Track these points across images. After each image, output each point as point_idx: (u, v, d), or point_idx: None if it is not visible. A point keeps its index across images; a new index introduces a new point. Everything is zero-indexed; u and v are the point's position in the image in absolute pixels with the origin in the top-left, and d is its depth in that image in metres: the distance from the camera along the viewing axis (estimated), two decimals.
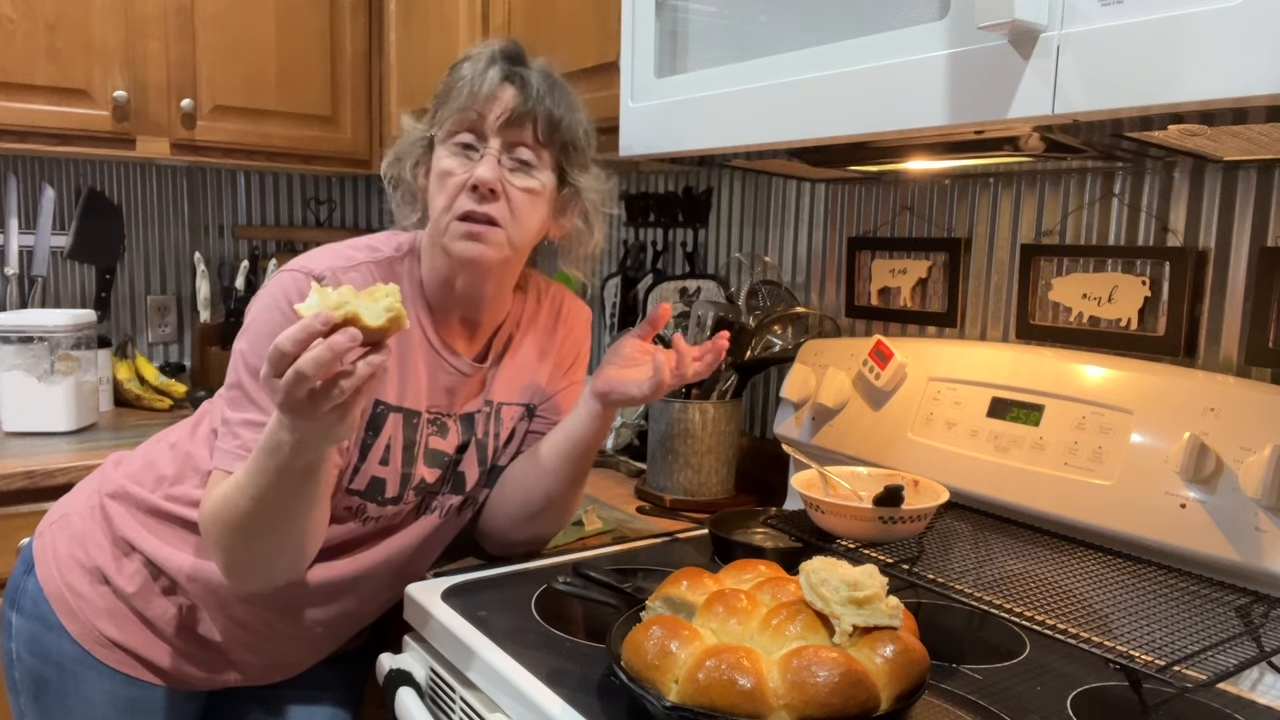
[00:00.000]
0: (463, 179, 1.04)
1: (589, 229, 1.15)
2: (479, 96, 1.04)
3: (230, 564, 1.01)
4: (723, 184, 1.83)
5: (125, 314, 2.43)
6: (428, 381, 1.12)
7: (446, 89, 1.08)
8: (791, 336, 1.60)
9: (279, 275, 1.07)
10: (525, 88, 1.05)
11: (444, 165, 1.06)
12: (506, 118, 1.05)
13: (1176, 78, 0.68)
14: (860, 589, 0.79)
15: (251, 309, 1.06)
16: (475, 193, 1.04)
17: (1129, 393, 1.06)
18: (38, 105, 1.91)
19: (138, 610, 1.13)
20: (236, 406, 1.03)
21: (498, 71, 1.06)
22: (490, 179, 1.03)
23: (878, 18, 0.89)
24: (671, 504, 1.52)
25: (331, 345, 0.79)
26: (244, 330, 1.05)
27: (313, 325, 0.79)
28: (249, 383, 1.02)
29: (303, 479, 0.92)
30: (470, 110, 1.05)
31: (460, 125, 1.06)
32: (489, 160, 1.04)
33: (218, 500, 0.98)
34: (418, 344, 1.11)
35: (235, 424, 1.02)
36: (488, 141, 1.05)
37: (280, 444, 0.88)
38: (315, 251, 1.10)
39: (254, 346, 1.03)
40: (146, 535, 1.13)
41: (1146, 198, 1.19)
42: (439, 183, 1.06)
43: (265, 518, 0.95)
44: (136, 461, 1.20)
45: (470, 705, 0.95)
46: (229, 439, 1.02)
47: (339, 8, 2.27)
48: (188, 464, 1.15)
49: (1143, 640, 0.87)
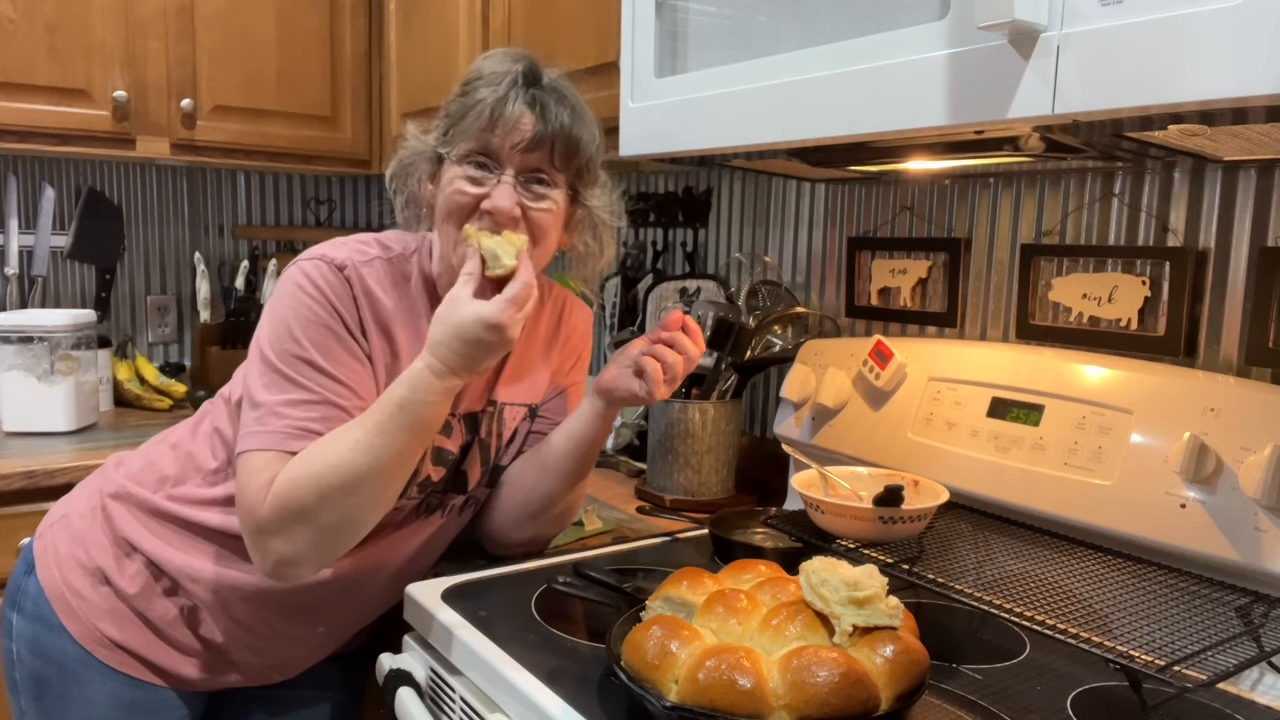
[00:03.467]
0: (473, 201, 1.04)
1: (599, 246, 1.15)
2: (499, 122, 1.03)
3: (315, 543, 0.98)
4: (723, 184, 1.83)
5: (125, 314, 2.43)
6: None
7: (462, 109, 1.05)
8: (791, 336, 1.60)
9: (297, 265, 1.06)
10: (545, 113, 1.04)
11: (456, 185, 1.05)
12: (525, 145, 1.04)
13: (1176, 78, 0.68)
14: (860, 589, 0.79)
15: (273, 302, 1.06)
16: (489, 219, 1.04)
17: (1129, 393, 1.06)
18: (38, 105, 1.91)
19: (139, 611, 1.13)
20: (273, 390, 1.01)
21: (519, 97, 1.04)
22: (507, 209, 1.03)
23: (877, 18, 0.89)
24: (671, 504, 1.52)
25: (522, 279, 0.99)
26: (265, 322, 1.05)
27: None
28: (285, 367, 1.01)
29: (431, 427, 1.01)
30: (488, 135, 1.04)
31: (476, 148, 1.04)
32: (505, 189, 1.03)
33: (317, 473, 0.96)
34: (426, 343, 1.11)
35: (276, 406, 1.00)
36: (504, 167, 1.04)
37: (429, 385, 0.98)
38: (329, 243, 1.09)
39: (287, 331, 1.03)
40: (148, 536, 1.13)
41: (1146, 198, 1.19)
42: (450, 202, 1.05)
43: (384, 475, 0.98)
44: (137, 462, 1.20)
45: (470, 705, 0.95)
46: (274, 419, 1.00)
47: (339, 8, 2.27)
48: (189, 464, 1.15)
49: (1143, 640, 0.87)
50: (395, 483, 1.01)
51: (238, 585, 1.10)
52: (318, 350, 1.02)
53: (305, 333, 1.02)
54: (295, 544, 0.98)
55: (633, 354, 1.11)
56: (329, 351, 1.03)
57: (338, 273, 1.05)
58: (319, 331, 1.03)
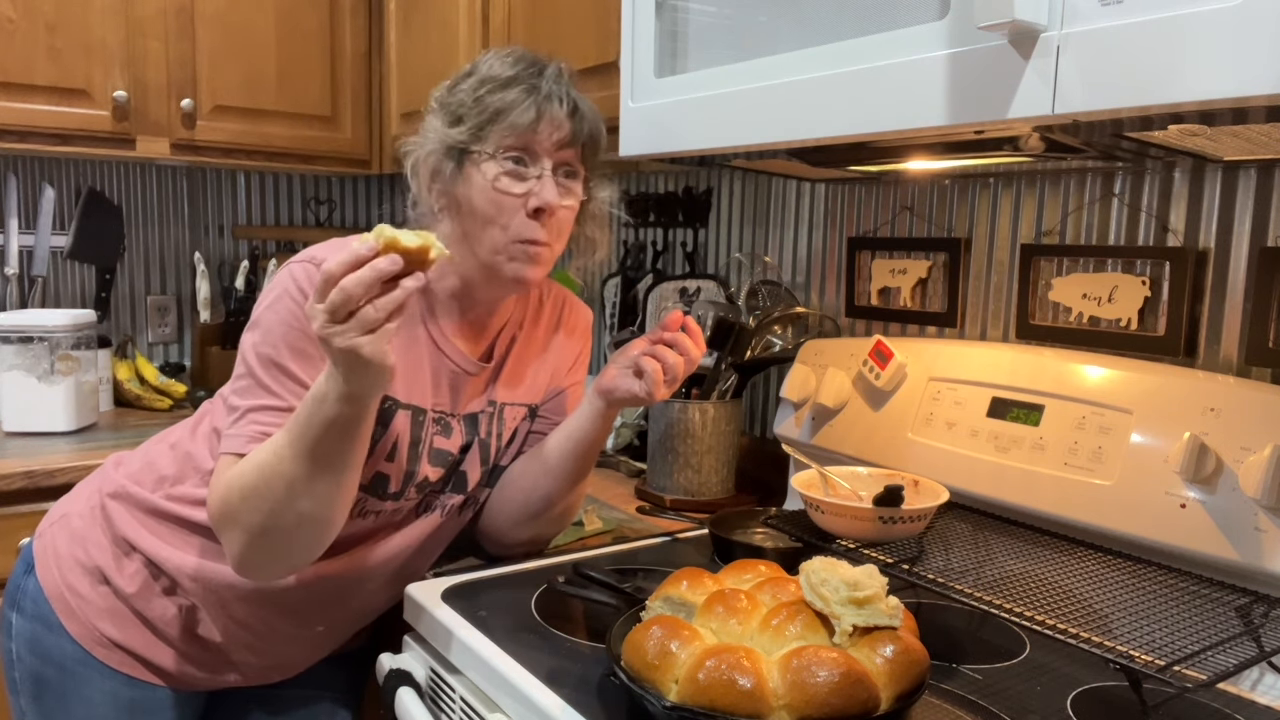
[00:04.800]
0: (520, 200, 1.05)
1: (603, 237, 1.17)
2: (544, 119, 1.04)
3: (248, 545, 0.98)
4: (723, 184, 1.83)
5: (125, 314, 2.43)
6: (432, 380, 1.12)
7: (502, 106, 1.05)
8: (791, 336, 1.60)
9: (287, 268, 1.06)
10: (577, 110, 1.07)
11: (501, 184, 1.05)
12: (564, 141, 1.06)
13: (1176, 78, 0.68)
14: (860, 589, 0.79)
15: (260, 305, 1.06)
16: (538, 216, 1.05)
17: (1129, 393, 1.06)
18: (38, 105, 1.91)
19: (138, 610, 1.13)
20: (247, 395, 1.02)
21: (560, 96, 1.06)
22: (556, 203, 1.05)
23: (877, 18, 0.89)
24: (671, 504, 1.52)
25: (375, 265, 0.84)
26: (252, 325, 1.05)
27: (360, 251, 0.84)
28: (261, 372, 1.02)
29: (345, 433, 0.93)
30: (532, 132, 1.05)
31: (513, 145, 1.05)
32: (550, 183, 1.05)
33: (243, 472, 0.96)
34: (423, 343, 1.11)
35: (247, 410, 1.01)
36: (540, 161, 1.06)
37: (326, 394, 0.90)
38: (322, 245, 1.09)
39: (266, 336, 1.03)
40: (147, 535, 1.13)
41: (1146, 198, 1.19)
42: (490, 199, 1.05)
43: (303, 480, 0.93)
44: (136, 462, 1.20)
45: (470, 705, 0.95)
46: (242, 424, 1.01)
47: (339, 8, 2.27)
48: (188, 464, 1.15)
49: (1143, 640, 0.87)
50: (322, 485, 0.95)
51: (235, 584, 1.10)
52: (294, 357, 1.02)
53: (285, 338, 1.02)
54: (233, 546, 0.99)
55: (633, 354, 1.11)
56: (305, 358, 1.02)
57: None
58: (298, 338, 1.02)
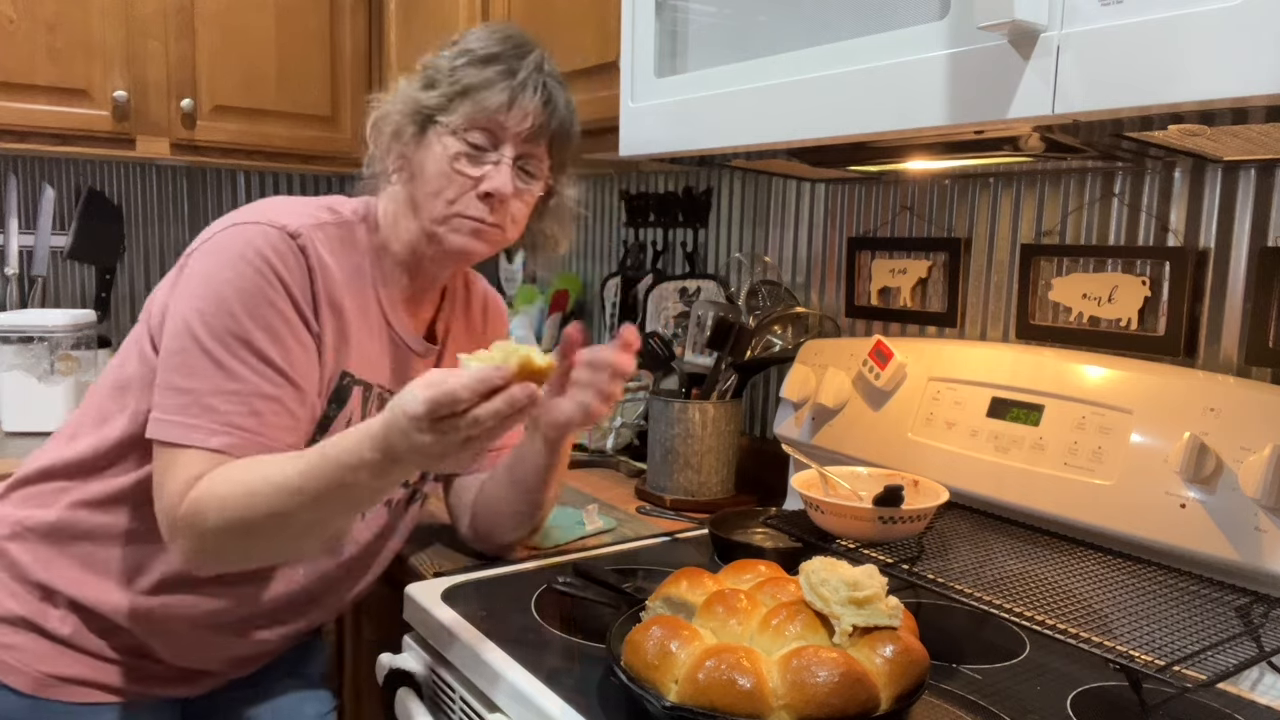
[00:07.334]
0: (472, 181, 1.03)
1: (564, 234, 1.16)
2: (516, 106, 1.02)
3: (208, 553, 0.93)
4: (723, 184, 1.82)
5: (125, 314, 2.43)
6: (378, 354, 1.09)
7: (475, 82, 1.02)
8: (791, 336, 1.60)
9: (238, 228, 0.96)
10: (550, 103, 1.05)
11: (453, 158, 1.02)
12: (529, 132, 1.04)
13: (1176, 78, 0.68)
14: (860, 589, 0.79)
15: (201, 267, 0.95)
16: (487, 200, 1.04)
17: (1129, 393, 1.06)
18: (38, 105, 1.91)
19: (79, 647, 1.03)
20: (197, 375, 0.91)
21: (537, 86, 1.04)
22: (508, 192, 1.04)
23: (877, 18, 0.89)
24: (671, 504, 1.52)
25: (512, 400, 0.79)
26: (196, 291, 0.94)
27: (492, 379, 0.79)
28: (217, 347, 0.91)
29: (372, 497, 0.89)
30: (501, 116, 1.03)
31: (479, 124, 1.03)
32: (505, 171, 1.04)
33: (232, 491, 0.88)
34: (374, 313, 1.08)
35: (205, 395, 0.91)
36: (502, 148, 1.04)
37: (369, 463, 0.83)
38: (273, 203, 1.01)
39: (223, 306, 0.92)
40: (60, 574, 1.02)
41: (1146, 198, 1.18)
42: (443, 172, 1.03)
43: (307, 523, 0.89)
44: (30, 479, 1.09)
45: (470, 705, 0.95)
46: (202, 415, 0.91)
47: (339, 7, 2.27)
48: (97, 457, 1.03)
49: (1143, 640, 0.87)
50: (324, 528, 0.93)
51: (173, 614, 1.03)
52: (262, 333, 0.93)
53: (248, 312, 0.92)
54: (197, 557, 0.93)
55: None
56: (275, 335, 0.93)
57: (290, 242, 0.96)
58: (266, 311, 0.93)
